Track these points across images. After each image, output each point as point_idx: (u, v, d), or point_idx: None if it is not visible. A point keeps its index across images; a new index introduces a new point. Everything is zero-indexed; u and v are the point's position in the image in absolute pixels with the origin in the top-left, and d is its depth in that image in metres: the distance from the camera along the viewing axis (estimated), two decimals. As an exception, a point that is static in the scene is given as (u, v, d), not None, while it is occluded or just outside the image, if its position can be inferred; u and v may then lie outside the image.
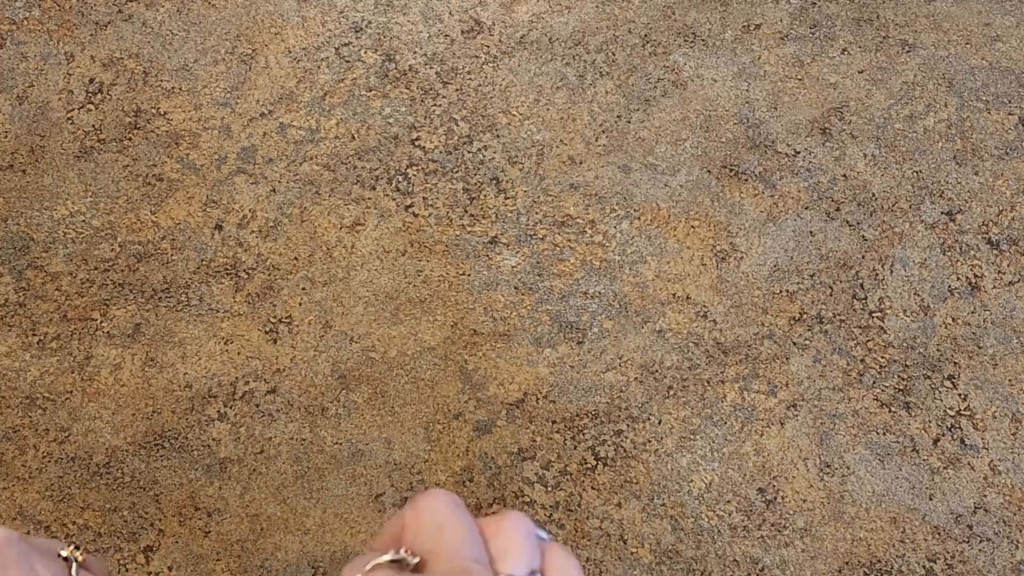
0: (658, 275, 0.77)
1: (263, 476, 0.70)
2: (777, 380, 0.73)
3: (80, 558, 0.30)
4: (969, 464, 0.71)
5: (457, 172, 0.81)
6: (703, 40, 0.88)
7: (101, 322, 0.74)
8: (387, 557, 0.28)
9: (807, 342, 0.75)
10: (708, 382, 0.73)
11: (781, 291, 0.77)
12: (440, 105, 0.84)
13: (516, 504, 0.69)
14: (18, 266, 0.76)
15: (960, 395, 0.73)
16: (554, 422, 0.71)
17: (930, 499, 0.69)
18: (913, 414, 0.72)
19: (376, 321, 0.75)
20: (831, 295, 0.77)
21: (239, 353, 0.74)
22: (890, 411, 0.72)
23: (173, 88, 0.83)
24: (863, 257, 0.78)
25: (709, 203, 0.80)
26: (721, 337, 0.75)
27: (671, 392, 0.72)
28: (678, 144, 0.83)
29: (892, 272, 0.78)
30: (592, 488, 0.69)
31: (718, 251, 0.78)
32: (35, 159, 0.80)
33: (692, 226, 0.79)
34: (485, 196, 0.80)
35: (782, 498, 0.69)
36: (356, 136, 0.82)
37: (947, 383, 0.74)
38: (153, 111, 0.82)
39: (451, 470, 0.70)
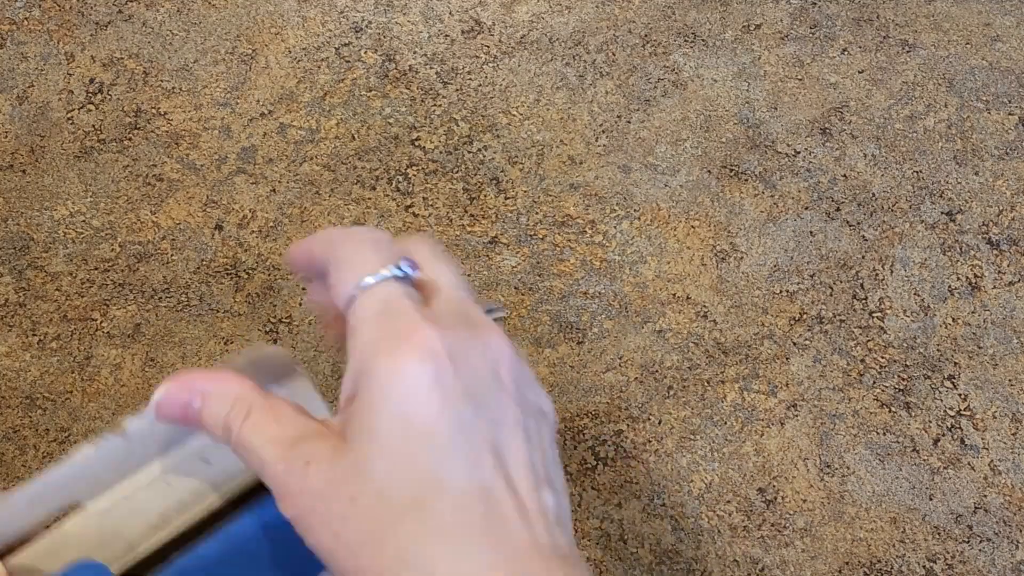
0: (658, 275, 0.77)
1: (263, 476, 0.70)
2: (777, 380, 0.73)
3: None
4: (969, 464, 0.71)
5: (457, 172, 0.81)
6: (703, 40, 0.88)
7: (101, 322, 0.74)
8: (392, 272, 0.25)
9: (807, 342, 0.75)
10: (708, 382, 0.73)
11: (781, 291, 0.77)
12: (440, 105, 0.84)
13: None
14: (18, 266, 0.76)
15: (960, 395, 0.73)
16: (554, 422, 0.71)
17: (930, 499, 0.69)
18: (913, 414, 0.72)
19: (376, 321, 0.75)
20: (831, 295, 0.77)
21: (239, 353, 0.74)
22: (890, 411, 0.72)
23: (173, 88, 0.83)
24: (863, 257, 0.78)
25: (709, 203, 0.80)
26: (721, 337, 0.75)
27: (671, 392, 0.72)
28: (678, 144, 0.83)
29: (892, 272, 0.78)
30: (592, 488, 0.69)
31: (718, 251, 0.78)
32: (35, 159, 0.80)
33: (692, 226, 0.79)
34: (485, 196, 0.80)
35: (782, 498, 0.69)
36: (356, 136, 0.82)
37: (947, 383, 0.74)
38: (153, 111, 0.82)
39: (451, 470, 0.70)
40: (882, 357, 0.74)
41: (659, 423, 0.71)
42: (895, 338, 0.75)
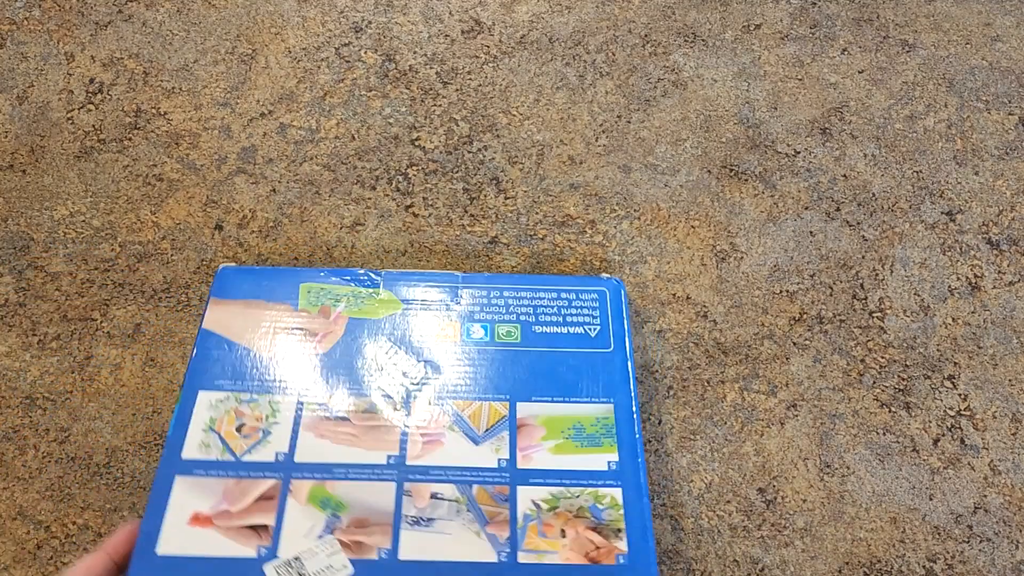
0: (658, 275, 0.77)
1: (263, 476, 0.70)
2: (777, 380, 0.73)
3: None
4: (969, 464, 0.71)
5: (457, 172, 0.81)
6: (703, 40, 0.88)
7: (101, 322, 0.74)
8: None
9: (807, 342, 0.75)
10: (708, 382, 0.73)
11: (781, 291, 0.77)
12: (440, 105, 0.84)
13: (516, 504, 0.68)
14: (18, 266, 0.76)
15: (960, 395, 0.73)
16: (554, 422, 0.71)
17: (930, 499, 0.69)
18: (913, 414, 0.72)
19: (376, 321, 0.75)
20: (831, 295, 0.77)
21: (239, 353, 0.73)
22: (890, 411, 0.72)
23: (173, 88, 0.83)
24: (863, 257, 0.78)
25: (709, 203, 0.80)
26: (721, 337, 0.75)
27: (671, 392, 0.72)
28: (678, 144, 0.83)
29: (892, 272, 0.78)
30: (592, 488, 0.69)
31: (718, 251, 0.78)
32: (35, 159, 0.80)
33: (692, 226, 0.79)
34: (485, 196, 0.80)
35: (782, 498, 0.69)
36: (356, 136, 0.82)
37: (947, 383, 0.74)
38: (153, 111, 0.82)
39: (451, 470, 0.70)
40: (882, 357, 0.74)
41: (659, 423, 0.71)
42: (895, 338, 0.75)
